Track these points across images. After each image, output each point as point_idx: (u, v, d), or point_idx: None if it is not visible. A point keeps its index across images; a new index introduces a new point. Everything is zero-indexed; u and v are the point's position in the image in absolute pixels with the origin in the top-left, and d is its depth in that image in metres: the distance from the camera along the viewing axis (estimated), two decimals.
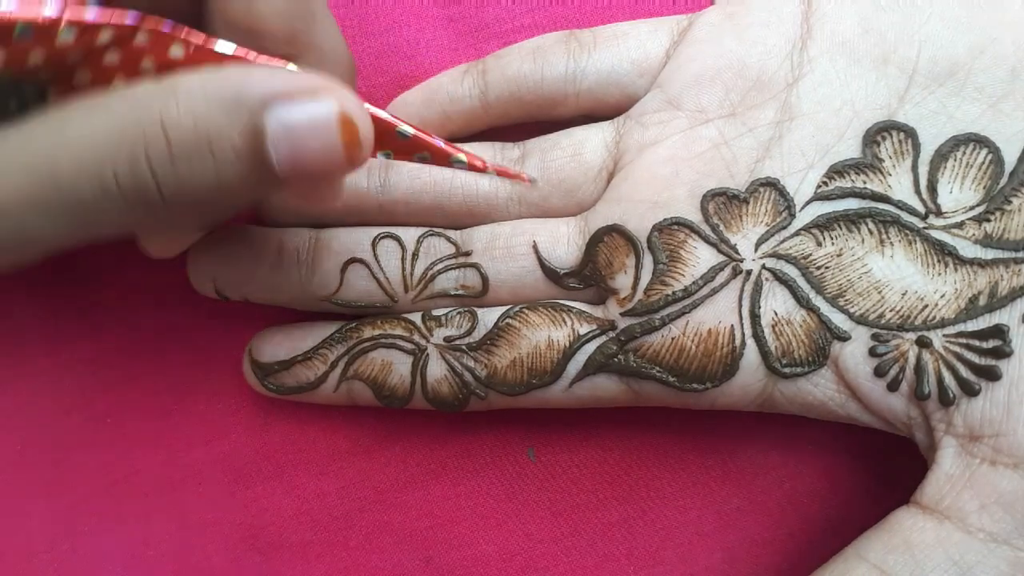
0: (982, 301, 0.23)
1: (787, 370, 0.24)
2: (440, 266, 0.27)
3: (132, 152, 0.19)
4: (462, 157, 0.22)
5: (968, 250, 0.23)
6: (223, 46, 0.21)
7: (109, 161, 0.19)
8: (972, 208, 0.23)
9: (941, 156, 0.23)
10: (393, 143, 0.22)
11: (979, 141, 0.23)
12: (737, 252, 0.24)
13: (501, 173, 0.23)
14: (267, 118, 0.19)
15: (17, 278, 0.30)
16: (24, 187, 0.19)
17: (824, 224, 0.24)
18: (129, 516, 0.29)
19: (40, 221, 0.19)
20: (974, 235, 0.23)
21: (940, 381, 0.23)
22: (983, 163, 0.23)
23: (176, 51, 0.20)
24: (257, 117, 0.19)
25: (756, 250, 0.24)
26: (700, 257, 0.24)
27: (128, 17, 0.20)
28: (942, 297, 0.23)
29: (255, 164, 0.19)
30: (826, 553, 0.24)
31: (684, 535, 0.29)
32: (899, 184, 0.24)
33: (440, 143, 0.22)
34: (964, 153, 0.23)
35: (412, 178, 0.27)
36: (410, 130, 0.22)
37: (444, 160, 0.22)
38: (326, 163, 0.20)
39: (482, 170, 0.22)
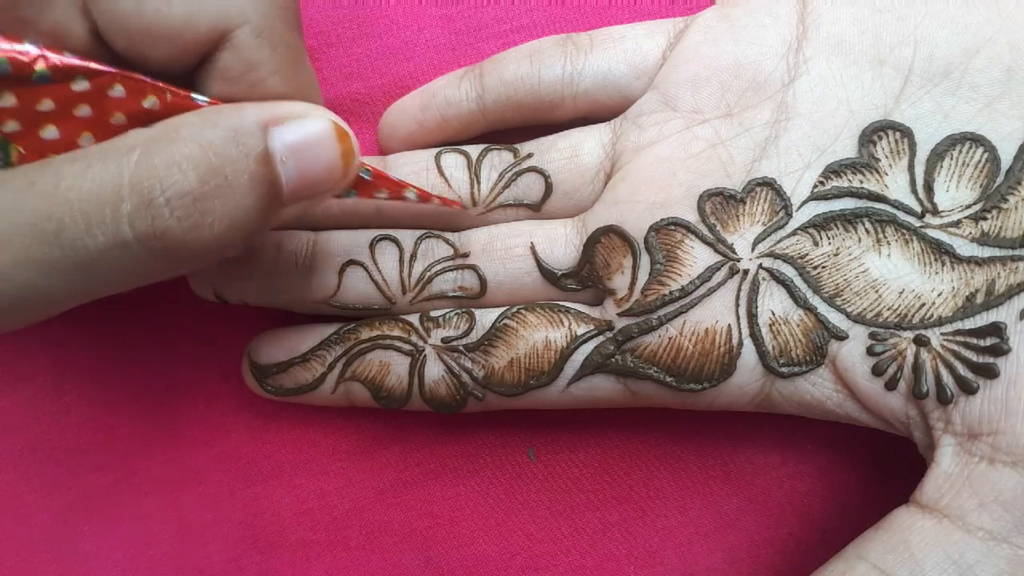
0: (979, 299, 0.23)
1: (785, 369, 0.24)
2: (438, 268, 0.27)
3: (147, 197, 0.18)
4: (412, 193, 0.25)
5: (965, 248, 0.23)
6: (199, 97, 0.21)
7: (122, 211, 0.18)
8: (968, 207, 0.23)
9: (937, 155, 0.23)
10: (357, 183, 0.24)
11: (975, 140, 0.23)
12: (734, 252, 0.24)
13: (444, 202, 0.26)
14: (271, 141, 0.20)
15: None
16: (28, 250, 0.18)
17: (821, 224, 0.24)
18: (129, 516, 0.29)
19: (48, 282, 0.18)
20: (971, 233, 0.23)
21: (938, 379, 0.23)
22: (979, 162, 0.23)
23: (150, 102, 0.20)
24: (262, 142, 0.20)
25: (753, 250, 0.24)
26: (697, 257, 0.24)
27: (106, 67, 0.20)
28: (939, 295, 0.23)
29: (267, 189, 0.20)
30: (826, 553, 0.24)
31: (684, 535, 0.29)
32: (895, 183, 0.24)
33: (393, 179, 0.25)
34: (960, 152, 0.23)
35: (410, 180, 0.27)
36: (369, 171, 0.24)
37: (399, 195, 0.25)
38: (328, 176, 0.21)
39: (429, 200, 0.26)
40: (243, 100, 0.21)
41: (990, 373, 0.22)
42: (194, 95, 0.21)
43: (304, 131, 0.20)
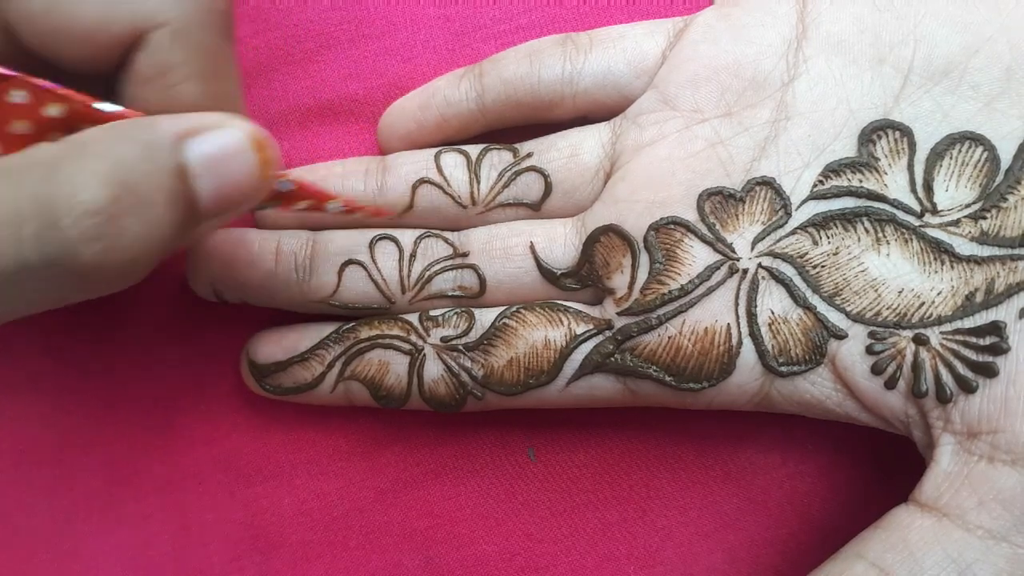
0: (979, 298, 0.23)
1: (784, 368, 0.24)
2: (437, 267, 0.27)
3: (51, 218, 0.17)
4: (337, 205, 0.24)
5: (964, 247, 0.23)
6: (104, 105, 0.20)
7: (23, 233, 0.17)
8: (968, 206, 0.23)
9: (937, 154, 0.23)
10: (279, 195, 0.23)
11: (974, 139, 0.23)
12: (733, 251, 0.24)
13: (374, 213, 0.26)
14: (186, 155, 0.19)
15: None
16: None
17: (820, 223, 0.24)
18: (129, 516, 0.29)
19: None
20: (970, 233, 0.23)
21: (938, 378, 0.23)
22: (979, 161, 0.23)
23: (54, 110, 0.19)
24: (176, 156, 0.19)
25: (752, 249, 0.24)
26: (696, 256, 0.24)
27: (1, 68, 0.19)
28: (939, 295, 0.23)
29: (183, 205, 0.19)
30: (826, 553, 0.24)
31: (684, 535, 0.29)
32: (895, 183, 0.24)
33: (316, 189, 0.23)
34: (960, 151, 0.23)
35: (409, 182, 0.27)
36: (292, 183, 0.22)
37: (320, 207, 0.23)
38: (247, 187, 0.20)
39: (358, 211, 0.24)
40: (157, 105, 0.20)
41: (989, 372, 0.22)
42: (101, 104, 0.20)
43: (219, 142, 0.19)
